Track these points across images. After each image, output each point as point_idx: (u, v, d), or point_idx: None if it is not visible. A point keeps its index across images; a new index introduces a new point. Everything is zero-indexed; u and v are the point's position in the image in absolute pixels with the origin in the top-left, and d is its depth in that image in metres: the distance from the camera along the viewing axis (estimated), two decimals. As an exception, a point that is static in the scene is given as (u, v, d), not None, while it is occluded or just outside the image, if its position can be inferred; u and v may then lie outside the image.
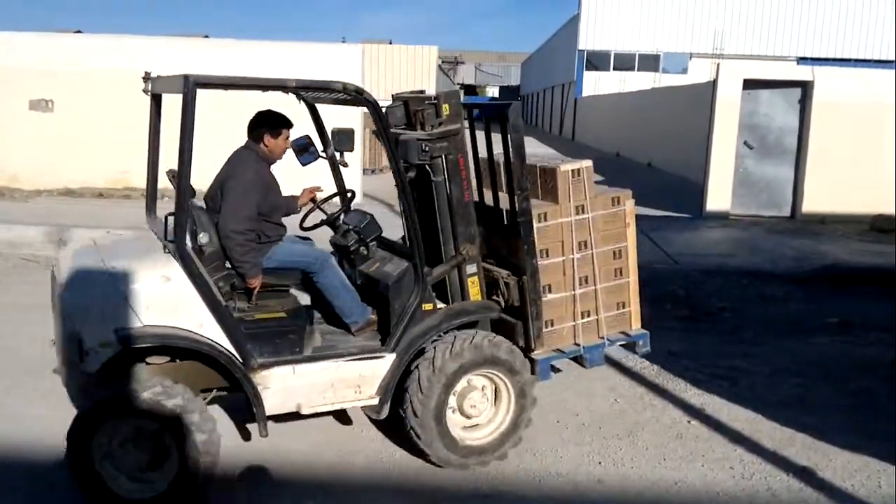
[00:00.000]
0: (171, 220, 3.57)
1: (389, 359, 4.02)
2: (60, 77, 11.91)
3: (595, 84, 35.50)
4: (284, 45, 12.99)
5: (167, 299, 3.56)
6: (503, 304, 4.42)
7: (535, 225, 4.29)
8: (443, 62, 46.51)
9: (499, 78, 75.48)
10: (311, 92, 4.19)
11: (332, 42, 17.58)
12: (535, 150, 29.50)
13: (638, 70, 35.99)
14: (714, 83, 12.07)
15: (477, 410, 4.18)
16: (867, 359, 6.05)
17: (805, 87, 11.75)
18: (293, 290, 4.32)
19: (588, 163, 4.51)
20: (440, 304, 4.19)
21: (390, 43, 37.40)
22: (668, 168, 18.71)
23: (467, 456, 4.10)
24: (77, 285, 3.55)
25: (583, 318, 4.58)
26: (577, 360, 4.67)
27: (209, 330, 3.63)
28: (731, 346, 6.36)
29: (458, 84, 67.21)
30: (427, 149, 3.91)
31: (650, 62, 36.02)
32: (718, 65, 12.35)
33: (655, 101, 21.73)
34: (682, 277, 8.40)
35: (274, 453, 4.22)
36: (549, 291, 4.43)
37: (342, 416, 4.63)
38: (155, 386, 3.50)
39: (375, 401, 4.02)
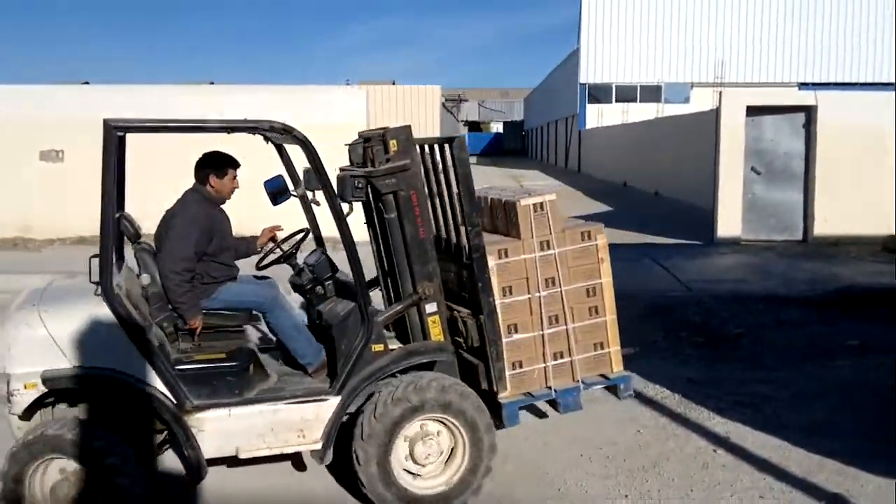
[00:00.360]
0: (94, 261, 3.63)
1: (334, 402, 3.88)
2: (70, 128, 12.06)
3: (598, 116, 35.72)
4: (291, 88, 13.20)
5: (96, 341, 3.60)
6: (465, 344, 4.24)
7: (496, 262, 4.11)
8: (446, 100, 47.01)
9: (502, 114, 76.11)
10: (240, 132, 3.90)
11: (337, 85, 17.74)
12: (538, 182, 29.62)
13: (640, 101, 36.21)
14: (717, 111, 12.13)
15: (431, 458, 3.95)
16: (888, 381, 5.96)
17: (809, 112, 11.80)
18: (257, 329, 4.36)
19: (552, 196, 4.27)
20: (395, 345, 4.08)
21: (393, 83, 37.91)
22: (676, 196, 18.71)
23: None
24: (9, 327, 3.60)
25: (555, 359, 4.28)
26: (552, 404, 4.44)
27: (140, 371, 3.64)
28: (751, 371, 6.28)
29: (462, 121, 67.78)
30: (360, 185, 3.85)
31: (652, 93, 36.27)
32: (721, 93, 12.42)
33: (660, 130, 21.82)
34: (696, 304, 8.34)
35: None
36: (516, 331, 4.19)
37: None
38: (72, 427, 3.57)
39: (318, 445, 3.87)
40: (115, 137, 3.60)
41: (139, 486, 3.65)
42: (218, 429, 3.76)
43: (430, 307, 4.08)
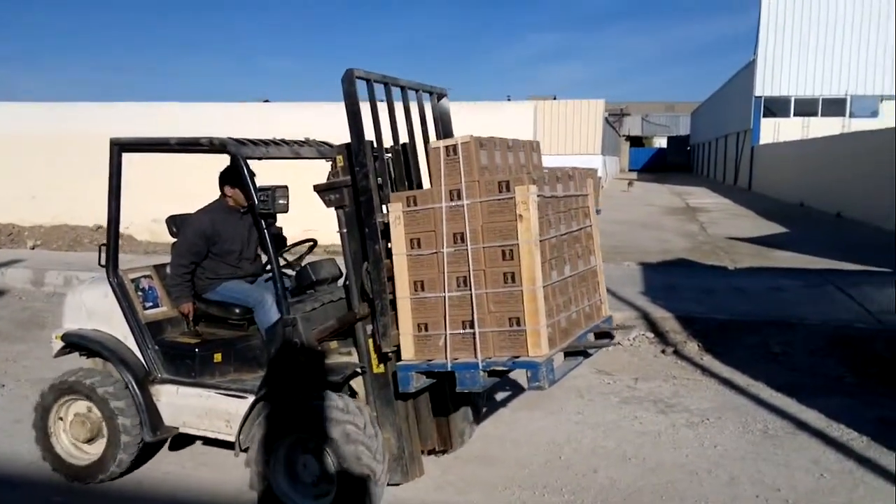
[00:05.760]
0: (103, 249, 4.59)
1: (250, 401, 4.09)
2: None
3: (774, 131, 33.83)
4: (463, 105, 13.41)
5: (104, 311, 4.61)
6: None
7: (403, 209, 3.71)
8: (609, 114, 46.19)
9: (666, 128, 73.84)
10: (189, 148, 4.32)
11: (498, 101, 17.94)
12: (704, 200, 28.37)
13: (822, 115, 33.97)
14: (917, 126, 11.09)
15: (308, 476, 4.00)
16: None
17: None
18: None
19: (466, 138, 3.66)
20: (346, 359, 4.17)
21: (554, 98, 37.82)
22: (862, 218, 17.32)
23: None
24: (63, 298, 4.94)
25: (463, 328, 3.64)
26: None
27: (130, 340, 4.52)
28: (955, 417, 5.64)
29: (624, 136, 66.37)
30: (273, 198, 3.97)
31: (836, 106, 33.89)
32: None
33: (846, 146, 20.30)
34: (887, 338, 7.60)
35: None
36: (422, 289, 3.70)
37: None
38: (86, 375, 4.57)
39: (233, 438, 4.13)
40: (114, 150, 4.51)
41: (141, 431, 4.42)
42: (170, 402, 4.45)
43: (371, 327, 3.97)
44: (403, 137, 4.33)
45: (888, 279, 10.61)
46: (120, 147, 4.51)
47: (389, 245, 3.80)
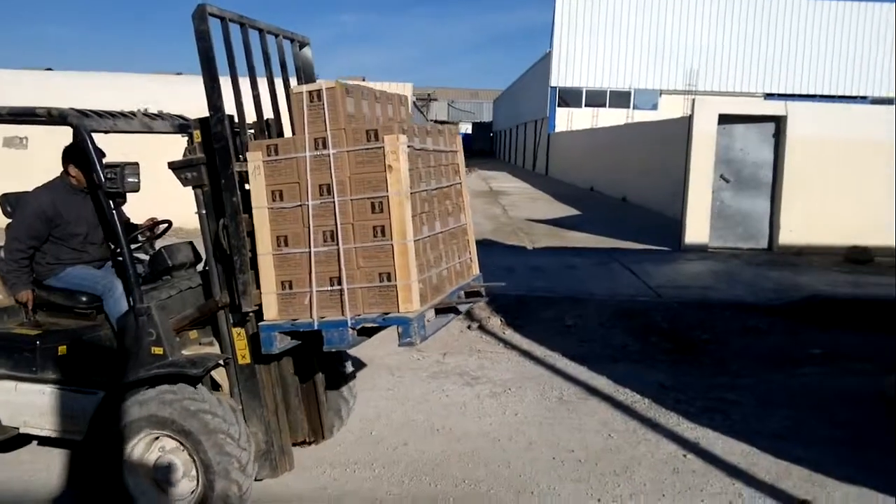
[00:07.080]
0: None
1: (99, 397, 3.83)
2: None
3: (567, 120, 36.01)
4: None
5: None
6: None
7: (264, 158, 3.48)
8: (417, 99, 46.92)
9: (471, 114, 76.32)
10: (22, 119, 3.90)
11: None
12: (506, 184, 29.73)
13: (609, 106, 36.66)
14: (690, 118, 12.28)
15: (174, 474, 3.64)
16: (853, 389, 6.08)
17: (779, 122, 11.99)
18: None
19: (331, 83, 3.46)
20: (207, 350, 3.98)
21: (363, 80, 37.82)
22: (644, 202, 18.90)
23: None
24: None
25: (330, 285, 3.47)
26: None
27: None
28: (719, 378, 6.35)
29: (432, 120, 67.76)
30: (122, 176, 3.65)
31: (621, 99, 36.73)
32: (694, 100, 12.57)
33: (629, 136, 22.02)
34: (664, 310, 8.41)
35: None
36: (286, 244, 3.51)
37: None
38: None
39: (80, 437, 3.85)
40: None
41: None
42: (7, 400, 4.02)
43: (236, 317, 3.76)
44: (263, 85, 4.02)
45: (666, 256, 11.72)
46: None
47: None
